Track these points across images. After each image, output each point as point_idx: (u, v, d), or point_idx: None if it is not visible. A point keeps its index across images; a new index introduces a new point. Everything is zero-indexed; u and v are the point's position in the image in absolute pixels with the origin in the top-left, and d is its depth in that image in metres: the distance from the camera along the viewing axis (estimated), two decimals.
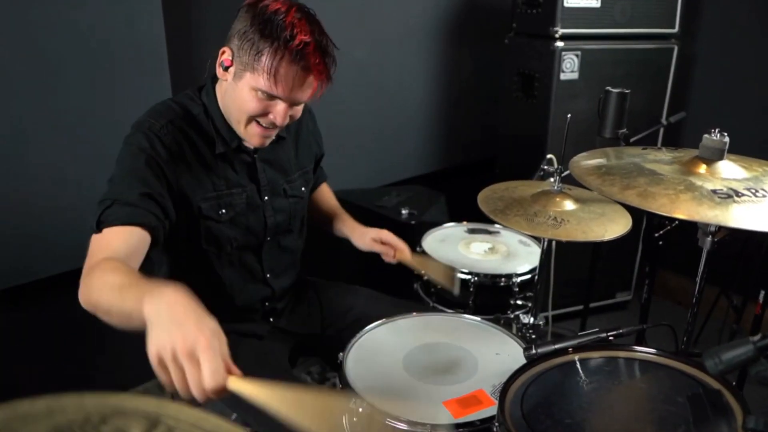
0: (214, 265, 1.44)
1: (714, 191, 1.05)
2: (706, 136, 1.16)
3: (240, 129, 1.35)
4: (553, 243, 2.18)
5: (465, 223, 2.25)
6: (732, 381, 0.98)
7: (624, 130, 1.64)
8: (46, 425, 0.49)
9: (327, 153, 1.81)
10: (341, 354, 1.37)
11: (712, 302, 2.52)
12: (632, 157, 1.34)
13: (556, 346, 1.12)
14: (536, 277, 1.79)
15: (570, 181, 1.47)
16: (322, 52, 1.27)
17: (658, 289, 2.72)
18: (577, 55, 2.65)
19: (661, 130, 2.79)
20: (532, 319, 1.78)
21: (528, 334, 1.79)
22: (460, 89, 3.22)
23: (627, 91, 1.64)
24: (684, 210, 1.00)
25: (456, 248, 2.06)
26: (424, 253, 1.97)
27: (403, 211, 2.48)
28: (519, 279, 1.87)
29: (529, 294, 1.90)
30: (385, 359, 1.38)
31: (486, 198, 1.68)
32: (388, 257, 1.70)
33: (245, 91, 1.28)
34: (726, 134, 1.15)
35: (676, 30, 2.80)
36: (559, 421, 0.95)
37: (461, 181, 2.95)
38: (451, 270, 1.72)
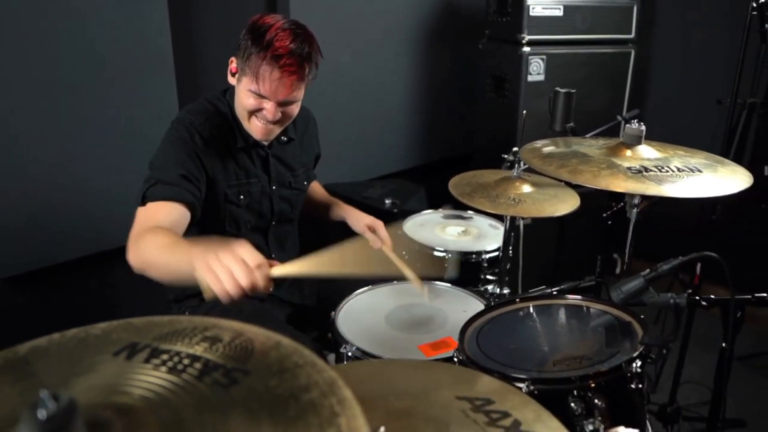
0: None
1: (628, 168, 1.32)
2: (627, 125, 1.43)
3: (245, 124, 1.61)
4: (520, 226, 2.44)
5: (441, 210, 2.51)
6: (642, 315, 1.24)
7: (571, 124, 1.91)
8: (151, 335, 0.74)
9: None
10: (333, 312, 1.62)
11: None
12: (575, 145, 1.61)
13: (509, 298, 1.38)
14: (501, 253, 2.05)
15: (534, 171, 1.74)
16: (297, 56, 1.46)
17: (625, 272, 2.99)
18: (542, 59, 2.92)
19: (622, 125, 3.08)
20: (498, 290, 2.04)
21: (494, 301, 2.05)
22: (439, 90, 3.48)
23: (573, 91, 1.91)
24: (602, 182, 1.26)
25: (433, 231, 2.31)
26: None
27: (387, 201, 2.74)
28: (487, 256, 2.13)
29: (496, 270, 2.17)
30: (370, 316, 1.64)
31: (456, 184, 1.95)
32: (375, 244, 1.86)
33: (243, 92, 1.53)
34: (643, 124, 1.42)
35: (632, 36, 3.08)
36: (506, 347, 1.21)
37: (440, 174, 3.22)
38: (431, 265, 1.95)
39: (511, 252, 2.00)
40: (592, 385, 1.05)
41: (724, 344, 1.31)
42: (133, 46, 2.24)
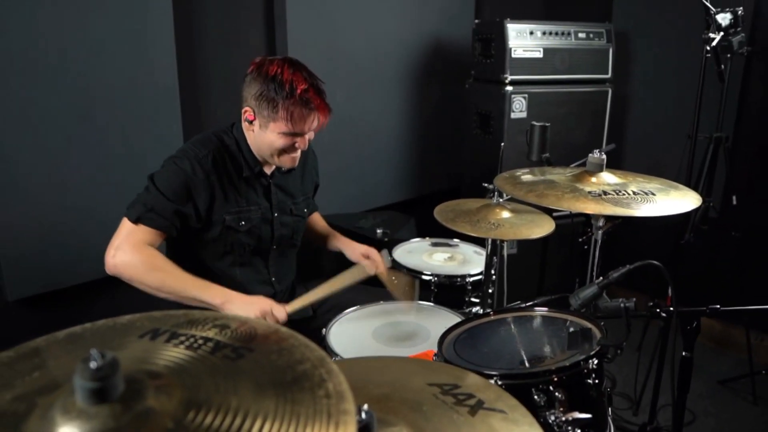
0: (232, 265, 1.84)
1: (589, 192, 1.49)
2: (590, 155, 1.61)
3: (274, 161, 1.78)
4: (504, 250, 2.59)
5: (428, 238, 2.67)
6: (602, 323, 1.39)
7: (547, 155, 2.08)
8: (170, 323, 0.88)
9: None
10: (324, 330, 1.76)
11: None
12: (549, 174, 1.78)
13: (485, 312, 1.53)
14: (483, 275, 2.20)
15: (515, 200, 1.91)
16: (318, 91, 1.69)
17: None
18: (524, 97, 3.13)
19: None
20: (481, 310, 2.18)
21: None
22: (428, 127, 3.68)
23: (547, 125, 2.09)
24: (565, 204, 1.42)
25: (421, 257, 2.46)
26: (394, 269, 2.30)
27: (378, 231, 2.89)
28: (471, 279, 2.27)
29: (480, 293, 2.31)
30: (357, 332, 1.77)
31: (441, 211, 2.12)
32: (370, 270, 2.00)
33: (273, 136, 1.71)
34: (603, 153, 1.60)
35: (609, 75, 3.30)
36: (480, 350, 1.35)
37: (429, 206, 3.39)
38: (411, 288, 2.08)
39: (494, 275, 2.15)
40: (554, 379, 1.19)
41: (684, 353, 1.45)
42: (142, 82, 2.42)
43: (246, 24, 2.96)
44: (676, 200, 1.49)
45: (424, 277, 2.25)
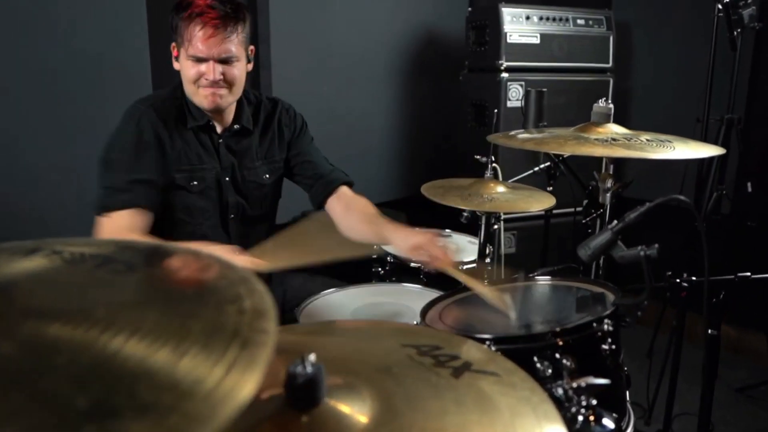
0: (189, 234, 1.62)
1: (595, 139, 1.28)
2: (595, 104, 1.40)
3: (196, 99, 1.59)
4: (500, 232, 2.36)
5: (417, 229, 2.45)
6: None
7: (545, 123, 1.88)
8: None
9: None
10: (296, 309, 1.53)
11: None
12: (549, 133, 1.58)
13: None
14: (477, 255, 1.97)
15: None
16: (218, 9, 1.50)
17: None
18: (521, 85, 2.94)
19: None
20: None
21: None
22: (419, 122, 3.50)
23: (544, 90, 1.90)
24: (568, 149, 1.21)
25: None
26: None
27: None
28: (465, 267, 2.05)
29: None
30: (335, 314, 1.54)
31: (429, 187, 1.91)
32: (429, 266, 1.50)
33: (184, 64, 1.55)
34: (611, 102, 1.39)
35: (610, 65, 3.12)
36: (470, 319, 1.12)
37: (422, 204, 3.19)
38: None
39: (490, 256, 1.93)
40: (560, 343, 0.96)
41: (709, 330, 1.23)
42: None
43: None
44: (696, 150, 1.29)
45: (412, 264, 2.02)
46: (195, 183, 1.61)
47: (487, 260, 1.97)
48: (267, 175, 1.79)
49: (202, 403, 0.40)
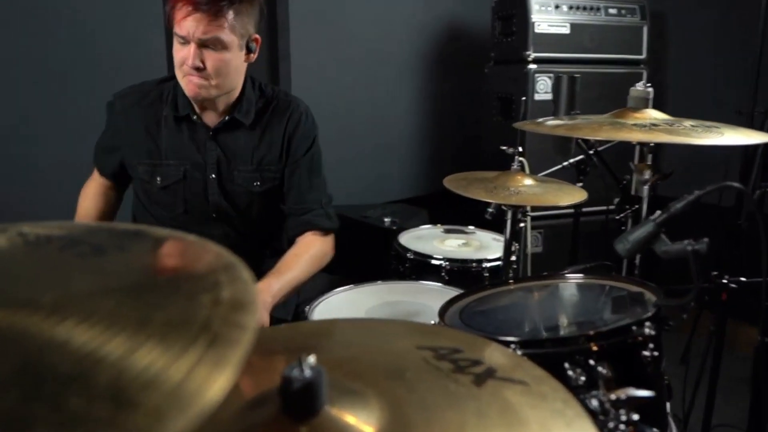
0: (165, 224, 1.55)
1: (634, 124, 1.17)
2: (632, 88, 1.29)
3: (182, 86, 1.48)
4: (527, 230, 2.25)
5: (440, 225, 2.36)
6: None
7: (577, 111, 1.77)
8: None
9: None
10: (307, 308, 1.44)
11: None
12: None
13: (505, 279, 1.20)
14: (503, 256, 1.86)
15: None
16: None
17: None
18: (549, 77, 2.82)
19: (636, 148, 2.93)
20: None
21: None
22: (442, 116, 3.39)
23: (577, 75, 1.78)
24: (602, 134, 1.10)
25: (431, 243, 2.14)
26: None
27: (386, 220, 2.59)
28: (489, 264, 1.94)
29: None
30: (348, 313, 1.45)
31: (452, 180, 1.80)
32: None
33: (174, 46, 1.45)
34: (650, 85, 1.27)
35: (644, 56, 2.98)
36: (493, 319, 1.02)
37: (444, 201, 3.08)
38: None
39: (516, 254, 1.81)
40: (594, 348, 0.85)
41: (762, 338, 1.11)
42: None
43: None
44: (747, 137, 1.16)
45: (433, 261, 1.92)
46: (159, 179, 1.56)
47: (513, 258, 1.86)
48: (257, 183, 1.62)
49: (145, 416, 0.31)
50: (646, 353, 0.87)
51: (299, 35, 2.76)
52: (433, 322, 1.23)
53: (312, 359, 0.61)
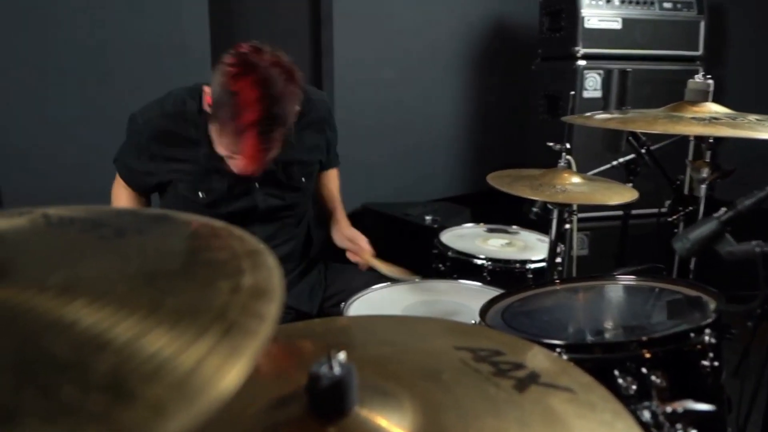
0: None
1: (693, 117, 1.09)
2: (690, 80, 1.21)
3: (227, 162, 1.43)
4: (573, 232, 2.16)
5: (483, 224, 2.29)
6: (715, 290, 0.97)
7: (627, 107, 1.68)
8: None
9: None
10: (343, 304, 1.41)
11: None
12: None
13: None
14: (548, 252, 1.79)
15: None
16: (262, 131, 1.28)
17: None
18: (599, 74, 2.71)
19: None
20: None
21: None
22: (488, 114, 3.32)
23: (629, 70, 1.70)
24: (659, 127, 1.03)
25: (473, 242, 2.09)
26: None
27: (427, 218, 2.54)
28: (533, 266, 1.87)
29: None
30: (384, 310, 1.41)
31: (496, 176, 1.74)
32: (352, 256, 1.72)
33: (216, 140, 1.38)
34: (710, 77, 1.19)
35: (700, 52, 2.84)
36: (537, 320, 0.97)
37: (488, 199, 3.01)
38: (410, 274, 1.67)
39: (563, 255, 1.74)
40: (647, 355, 0.79)
41: None
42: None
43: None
44: None
45: (476, 261, 1.87)
46: (201, 195, 1.53)
47: (558, 260, 1.79)
48: (303, 179, 1.66)
49: (143, 411, 0.27)
50: (705, 363, 0.81)
51: (343, 30, 2.74)
52: (473, 321, 1.18)
53: (342, 356, 0.58)
